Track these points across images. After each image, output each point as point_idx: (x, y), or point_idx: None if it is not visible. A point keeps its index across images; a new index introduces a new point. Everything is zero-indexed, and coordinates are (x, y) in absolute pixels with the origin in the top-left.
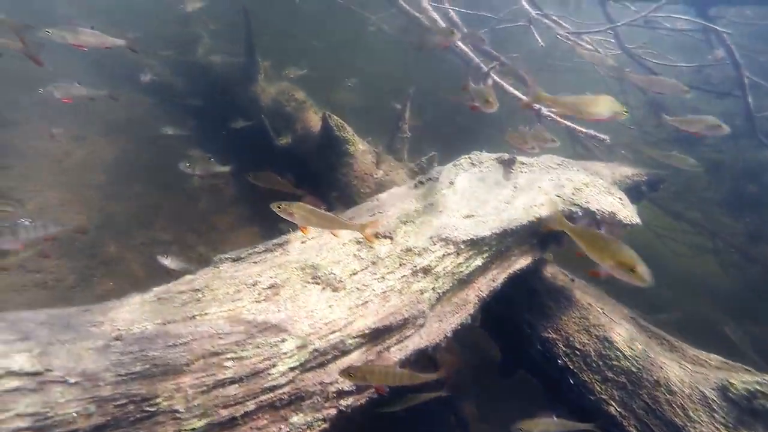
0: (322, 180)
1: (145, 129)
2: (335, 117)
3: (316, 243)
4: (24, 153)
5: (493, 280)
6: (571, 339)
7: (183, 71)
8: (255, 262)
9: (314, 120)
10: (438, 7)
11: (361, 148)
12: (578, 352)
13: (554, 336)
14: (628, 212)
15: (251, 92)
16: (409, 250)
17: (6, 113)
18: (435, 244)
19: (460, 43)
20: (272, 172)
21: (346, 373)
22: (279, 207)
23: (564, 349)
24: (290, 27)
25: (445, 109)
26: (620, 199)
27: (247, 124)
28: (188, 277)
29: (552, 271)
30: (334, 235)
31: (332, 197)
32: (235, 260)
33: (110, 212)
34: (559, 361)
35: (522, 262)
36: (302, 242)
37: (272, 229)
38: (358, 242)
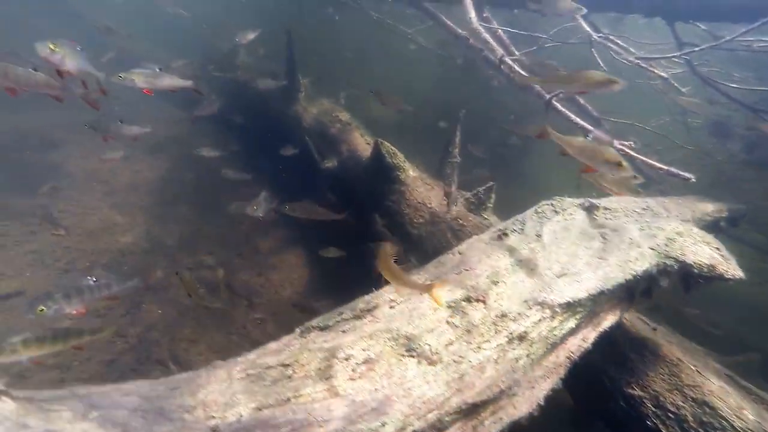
0: (371, 206)
1: (186, 148)
2: (387, 144)
3: (405, 308)
4: (73, 174)
5: (584, 340)
6: (662, 399)
7: (221, 88)
8: (344, 331)
9: (360, 143)
10: (488, 27)
11: (411, 175)
12: (672, 415)
13: (640, 393)
14: (728, 265)
15: (292, 111)
16: (503, 315)
17: (54, 134)
18: (530, 309)
19: (517, 68)
20: (310, 201)
21: None
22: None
23: (653, 409)
24: (327, 43)
25: (484, 124)
26: (718, 248)
27: (295, 151)
28: (273, 345)
29: (630, 318)
30: (398, 293)
31: (381, 225)
32: (322, 329)
33: (156, 235)
34: (648, 423)
35: (611, 319)
36: (390, 307)
37: (315, 253)
38: (450, 307)
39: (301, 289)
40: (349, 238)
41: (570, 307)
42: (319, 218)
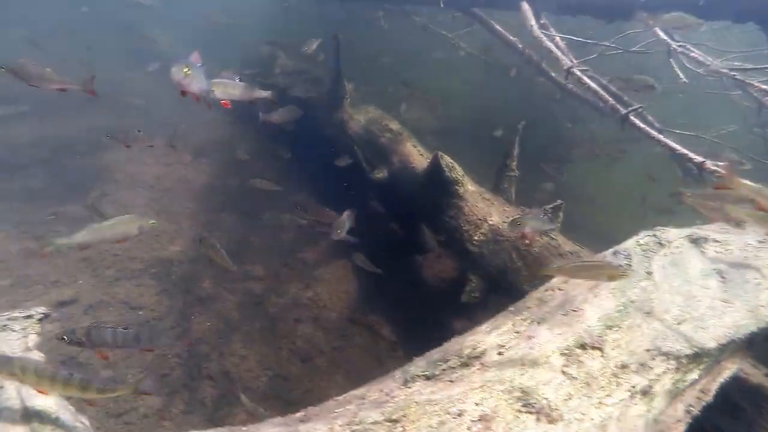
0: (426, 220)
1: (228, 152)
2: (447, 157)
3: (515, 354)
4: (119, 179)
5: (704, 392)
6: None
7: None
8: (451, 381)
9: (413, 153)
10: (548, 35)
11: (470, 189)
12: None
13: None
14: None
15: (337, 118)
16: (624, 366)
17: (100, 138)
18: (654, 359)
19: (587, 80)
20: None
21: None
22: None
23: None
24: (372, 48)
25: (532, 133)
26: None
27: (348, 161)
28: (372, 394)
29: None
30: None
31: (429, 237)
32: (428, 378)
33: None
34: None
35: (732, 367)
36: (499, 353)
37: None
38: (564, 354)
39: (349, 302)
40: (396, 250)
41: (696, 357)
42: (325, 220)
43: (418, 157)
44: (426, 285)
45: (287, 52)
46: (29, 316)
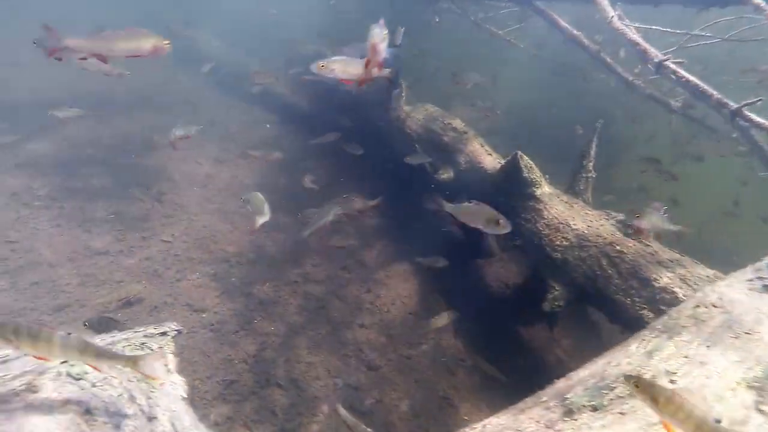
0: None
1: (278, 151)
2: (526, 157)
3: (691, 384)
4: (173, 178)
5: None
6: None
7: (305, 89)
8: (622, 413)
9: (481, 153)
10: (628, 26)
11: (547, 191)
12: None
13: None
14: None
15: (392, 116)
16: None
17: (153, 137)
18: None
19: (684, 73)
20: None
21: None
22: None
23: None
24: (423, 44)
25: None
26: None
27: (427, 159)
28: (533, 428)
29: None
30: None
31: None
32: (595, 409)
33: (259, 244)
34: None
35: None
36: (671, 381)
37: (423, 266)
38: (753, 387)
39: (412, 307)
40: (456, 252)
41: None
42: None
43: (487, 156)
44: (489, 290)
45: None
46: (164, 333)
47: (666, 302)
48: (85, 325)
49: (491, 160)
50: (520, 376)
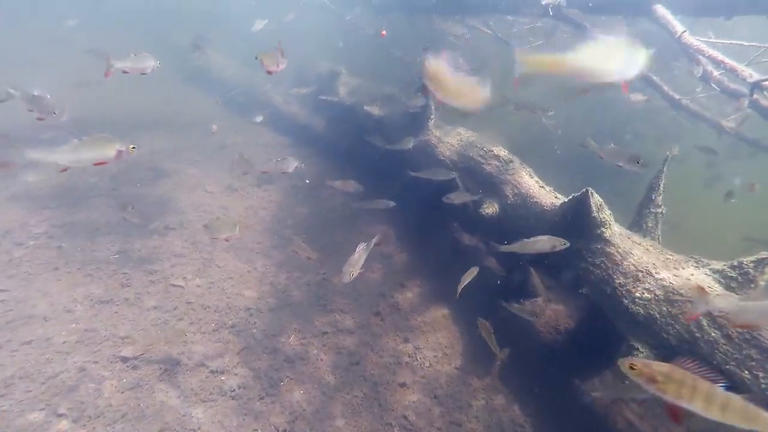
0: (560, 269)
1: (295, 178)
2: (596, 195)
3: None
4: (183, 209)
5: None
6: None
7: (322, 110)
8: None
9: (531, 185)
10: (706, 41)
11: (617, 231)
12: None
13: None
14: None
15: (421, 142)
16: None
17: (162, 162)
18: None
19: None
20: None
21: None
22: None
23: None
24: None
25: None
26: None
27: (472, 198)
28: None
29: None
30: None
31: (580, 293)
32: None
33: (280, 287)
34: None
35: None
36: None
37: (463, 310)
38: None
39: (455, 359)
40: (498, 294)
41: None
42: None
43: (539, 189)
44: (538, 337)
45: (350, 69)
46: None
47: None
48: None
49: (545, 194)
50: None
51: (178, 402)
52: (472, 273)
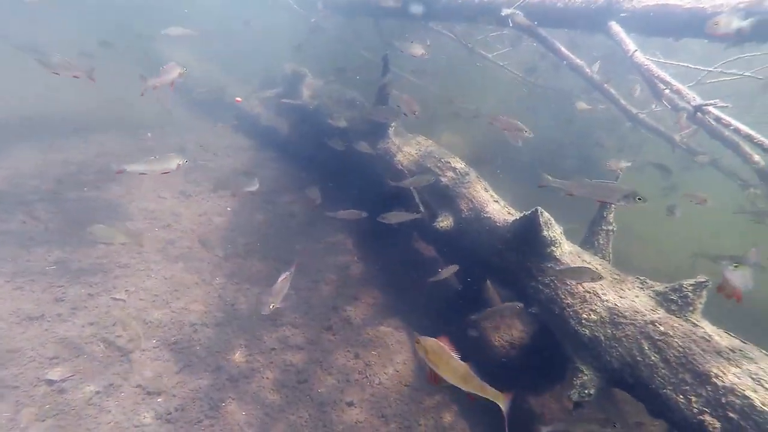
0: (505, 284)
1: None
2: (546, 213)
3: None
4: (132, 216)
5: None
6: None
7: (288, 116)
8: None
9: (486, 200)
10: (656, 61)
11: (567, 250)
12: None
13: None
14: None
15: (381, 149)
16: None
17: (116, 165)
18: None
19: (730, 120)
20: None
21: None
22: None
23: None
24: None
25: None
26: None
27: (412, 217)
28: None
29: None
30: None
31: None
32: None
33: (229, 300)
34: None
35: None
36: None
37: (420, 321)
38: None
39: (408, 375)
40: (454, 306)
41: None
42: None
43: (494, 204)
44: (493, 351)
45: (314, 71)
46: None
47: (736, 410)
48: None
49: (499, 209)
50: None
51: (107, 429)
52: (451, 270)
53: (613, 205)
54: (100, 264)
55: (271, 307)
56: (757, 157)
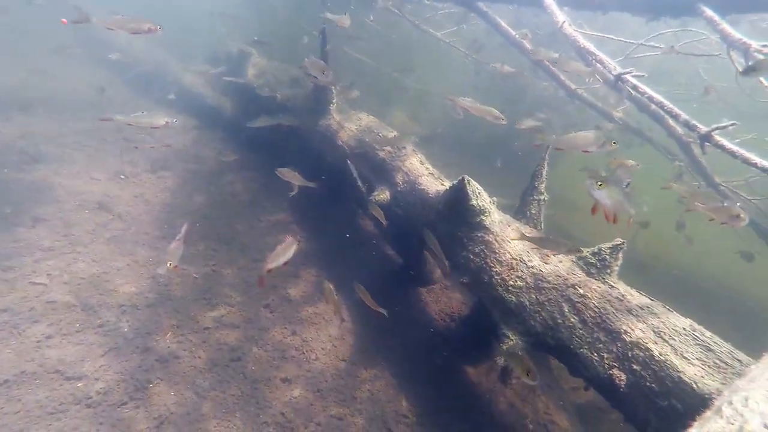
0: (447, 256)
1: (194, 163)
2: (474, 182)
3: None
4: (60, 198)
5: None
6: None
7: (233, 95)
8: None
9: (421, 172)
10: (583, 33)
11: (497, 219)
12: None
13: None
14: None
15: (322, 126)
16: None
17: (40, 146)
18: None
19: (646, 88)
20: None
21: None
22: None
23: None
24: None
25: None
26: None
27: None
28: None
29: None
30: None
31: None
32: None
33: (163, 281)
34: None
35: None
36: None
37: (356, 299)
38: None
39: (345, 351)
40: (393, 279)
41: None
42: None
43: (428, 177)
44: (433, 324)
45: (263, 50)
46: None
47: (639, 361)
48: None
49: (432, 181)
50: (471, 426)
51: (14, 419)
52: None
53: (544, 176)
54: (17, 249)
55: (169, 265)
56: (680, 130)
